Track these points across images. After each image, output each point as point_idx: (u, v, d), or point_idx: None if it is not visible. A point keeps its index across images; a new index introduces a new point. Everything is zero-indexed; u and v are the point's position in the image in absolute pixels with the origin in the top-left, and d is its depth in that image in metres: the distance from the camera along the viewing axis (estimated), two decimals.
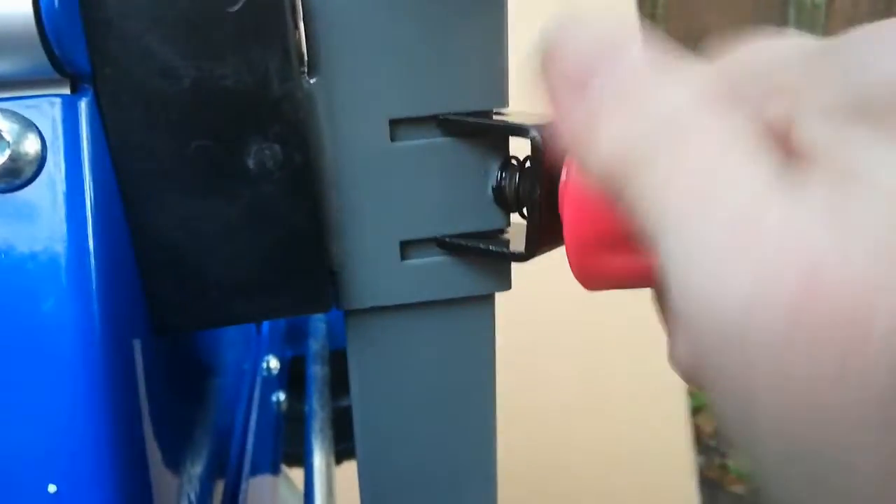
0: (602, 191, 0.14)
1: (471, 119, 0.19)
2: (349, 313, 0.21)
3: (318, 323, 0.47)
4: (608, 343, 1.04)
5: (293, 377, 0.47)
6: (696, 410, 1.61)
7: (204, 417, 0.29)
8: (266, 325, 0.44)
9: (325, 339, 0.45)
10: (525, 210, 0.20)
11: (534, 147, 0.18)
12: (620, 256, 0.17)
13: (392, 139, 0.20)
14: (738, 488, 1.43)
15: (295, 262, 0.20)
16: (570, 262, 0.18)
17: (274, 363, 0.41)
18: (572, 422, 1.03)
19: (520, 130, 0.19)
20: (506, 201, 0.20)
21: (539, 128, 0.18)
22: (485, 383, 0.23)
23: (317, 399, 0.40)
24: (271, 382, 0.41)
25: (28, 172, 0.16)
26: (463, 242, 0.20)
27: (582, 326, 1.01)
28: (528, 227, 0.19)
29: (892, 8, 1.54)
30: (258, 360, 0.39)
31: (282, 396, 0.43)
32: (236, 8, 0.17)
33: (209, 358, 0.30)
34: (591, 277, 0.18)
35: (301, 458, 0.38)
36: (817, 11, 1.49)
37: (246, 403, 0.37)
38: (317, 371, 0.42)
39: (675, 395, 1.14)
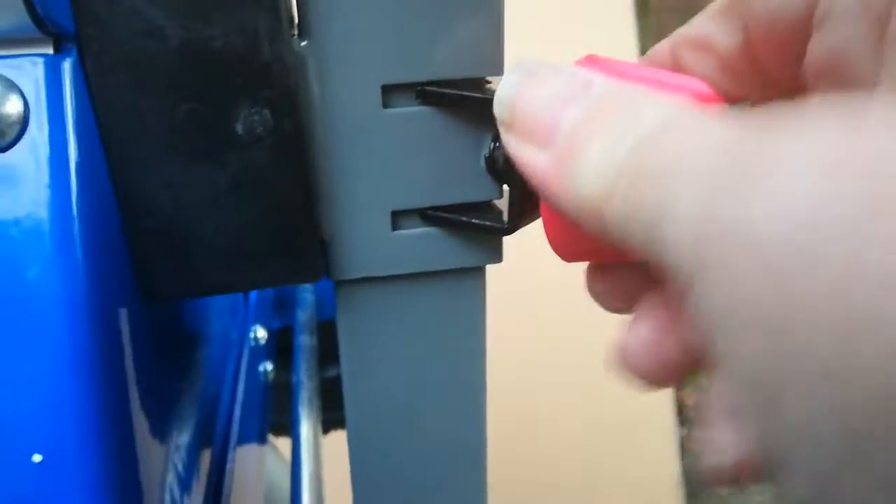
0: (586, 225, 0.14)
1: (460, 91, 0.19)
2: (339, 283, 0.21)
3: (306, 293, 0.47)
4: (592, 314, 1.05)
5: (280, 347, 0.47)
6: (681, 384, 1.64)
7: (191, 386, 0.28)
8: (253, 294, 0.44)
9: (312, 310, 0.45)
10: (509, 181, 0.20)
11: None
12: None
13: (384, 106, 0.19)
14: None
15: (285, 230, 0.19)
16: (545, 231, 0.18)
17: (262, 333, 0.40)
18: (556, 394, 1.04)
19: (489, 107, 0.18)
20: (497, 172, 0.20)
21: None
22: (475, 354, 0.23)
23: (304, 369, 0.40)
24: (259, 352, 0.41)
25: (10, 135, 0.16)
26: (447, 215, 0.20)
27: (566, 297, 1.01)
28: (510, 197, 0.19)
29: None
30: (245, 329, 0.39)
31: (269, 366, 0.43)
32: None
33: (196, 327, 0.29)
34: (567, 245, 0.18)
35: (288, 428, 0.38)
36: None
37: (233, 373, 0.37)
38: (304, 341, 0.42)
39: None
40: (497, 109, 0.16)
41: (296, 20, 0.18)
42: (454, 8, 0.19)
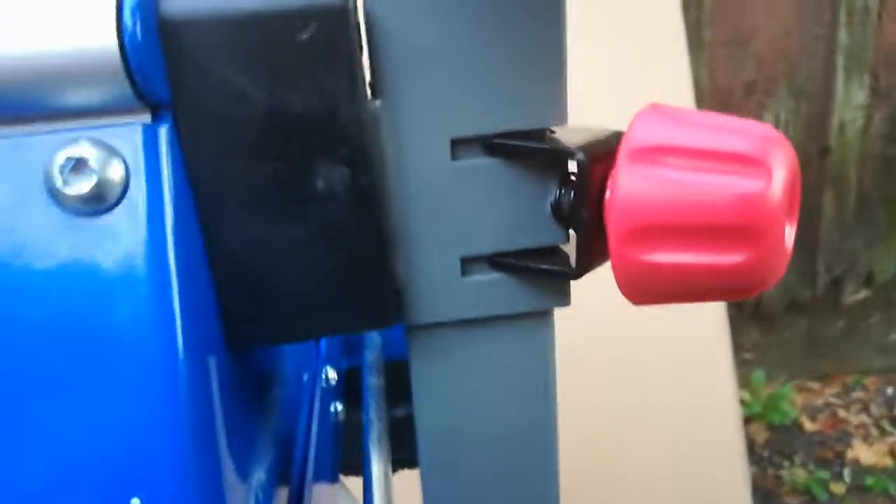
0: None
1: (524, 142, 0.20)
2: (411, 328, 0.22)
3: (373, 335, 0.48)
4: (656, 353, 1.03)
5: (349, 388, 0.48)
6: (748, 420, 1.58)
7: (267, 426, 0.30)
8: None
9: (379, 351, 0.46)
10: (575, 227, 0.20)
11: (578, 168, 0.19)
12: (661, 259, 0.17)
13: (453, 158, 0.20)
14: (792, 499, 1.40)
15: (361, 280, 0.20)
16: (614, 275, 0.18)
17: (332, 374, 0.41)
18: (622, 433, 1.02)
19: (566, 154, 0.19)
20: (563, 217, 0.21)
21: (585, 148, 0.19)
22: (546, 395, 0.23)
23: (373, 409, 0.41)
24: (329, 392, 0.42)
25: (112, 197, 0.17)
26: (515, 261, 0.21)
27: (629, 337, 1.00)
28: (577, 243, 0.19)
29: None
30: (318, 370, 0.40)
31: (339, 406, 0.44)
32: (305, 36, 0.18)
33: (271, 368, 0.30)
34: (641, 284, 0.18)
35: (356, 467, 0.38)
36: (868, 12, 1.45)
37: (307, 413, 0.38)
38: (373, 382, 0.43)
39: (726, 405, 1.12)
40: None
41: (369, 81, 0.20)
42: (517, 62, 0.20)
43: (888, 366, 1.70)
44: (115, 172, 0.17)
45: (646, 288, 0.18)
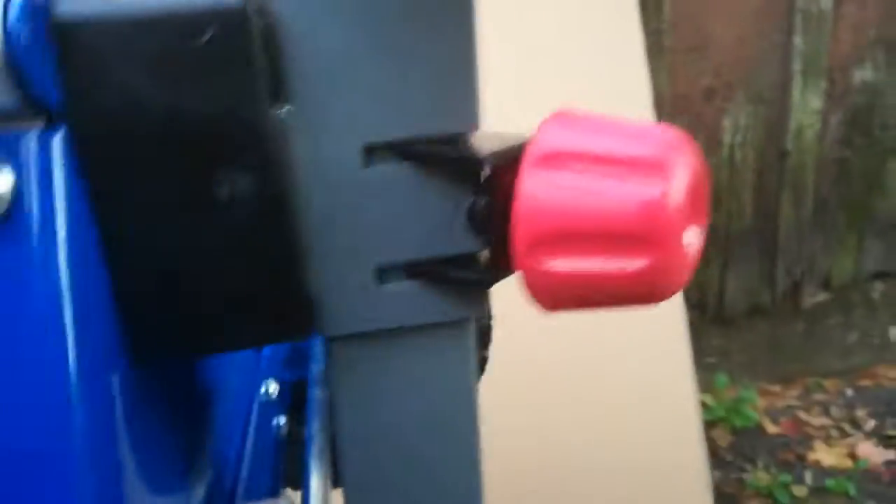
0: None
1: (438, 148, 0.20)
2: (327, 340, 0.21)
3: (319, 347, 0.47)
4: (615, 356, 1.03)
5: (297, 401, 0.47)
6: (712, 424, 1.60)
7: (205, 443, 0.29)
8: (266, 349, 0.44)
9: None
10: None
11: (485, 179, 0.18)
12: (565, 266, 0.17)
13: (365, 165, 0.20)
14: (755, 503, 1.42)
15: (272, 290, 0.20)
16: (522, 281, 0.18)
17: (273, 387, 0.41)
18: (580, 437, 1.03)
19: (476, 160, 0.19)
20: (479, 224, 0.20)
21: (496, 155, 0.19)
22: (467, 405, 0.23)
23: (316, 422, 0.40)
24: (271, 406, 0.41)
25: (1, 208, 0.17)
26: (432, 269, 0.20)
27: (587, 337, 1.00)
28: (490, 250, 0.19)
29: None
30: (255, 384, 0.40)
31: (282, 420, 0.43)
32: (203, 40, 0.17)
33: (208, 384, 0.30)
34: (547, 290, 0.18)
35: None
36: (824, 19, 1.48)
37: (242, 429, 0.37)
38: (317, 394, 0.42)
39: (686, 408, 1.12)
40: None
41: (275, 87, 0.19)
42: (428, 67, 0.19)
43: (847, 368, 1.73)
44: (3, 183, 0.17)
45: (552, 295, 0.18)
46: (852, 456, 1.53)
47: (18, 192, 0.17)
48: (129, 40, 0.17)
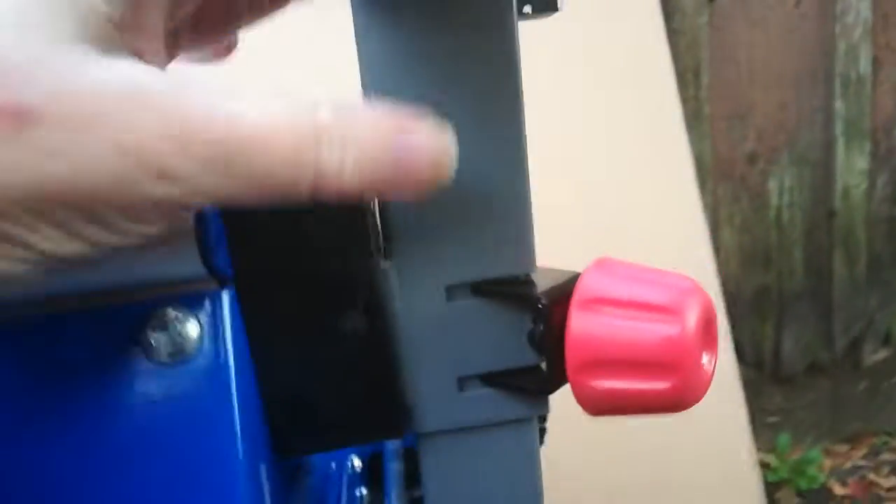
0: None
1: (502, 286, 0.25)
2: (420, 435, 0.27)
3: None
4: (673, 428, 1.05)
5: (372, 473, 0.53)
6: (777, 485, 1.58)
7: None
8: None
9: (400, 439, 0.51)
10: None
11: (541, 311, 0.24)
12: (607, 385, 0.22)
13: (447, 300, 0.26)
14: None
15: (376, 401, 0.26)
16: (573, 394, 0.24)
17: (357, 462, 0.46)
18: (632, 459, 1.03)
19: (534, 299, 0.24)
20: (535, 343, 0.26)
21: (548, 293, 0.24)
22: (533, 487, 0.28)
23: (394, 492, 0.46)
24: (356, 479, 0.47)
25: (190, 350, 0.23)
26: (502, 379, 0.26)
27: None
28: (546, 366, 0.25)
29: None
30: (344, 459, 0.45)
31: (364, 491, 0.48)
32: (332, 228, 0.24)
33: (303, 460, 0.36)
34: (592, 401, 0.23)
35: None
36: (862, 83, 1.52)
37: (335, 499, 0.42)
38: (394, 467, 0.48)
39: (747, 475, 1.13)
40: None
41: (381, 246, 0.25)
42: (495, 223, 0.26)
43: None
44: (193, 331, 0.23)
45: (595, 405, 0.23)
46: None
47: (202, 335, 0.23)
48: (279, 221, 0.24)
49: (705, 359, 0.23)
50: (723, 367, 1.08)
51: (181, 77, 0.18)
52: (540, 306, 0.24)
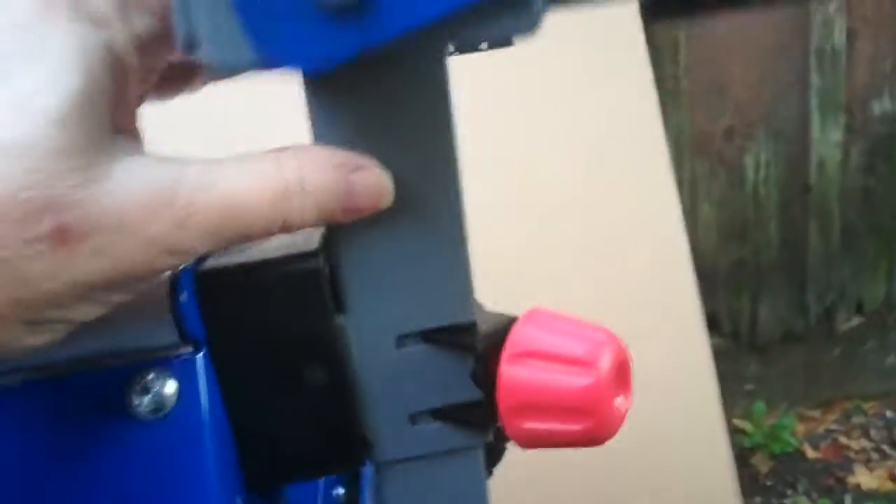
0: None
1: (445, 335, 0.29)
2: (377, 465, 0.31)
3: None
4: (641, 382, 1.09)
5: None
6: (751, 451, 1.64)
7: None
8: None
9: None
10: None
11: (478, 357, 0.27)
12: (533, 426, 0.26)
13: (398, 347, 0.29)
14: None
15: (339, 437, 0.29)
16: (505, 430, 0.27)
17: (340, 490, 0.50)
18: (611, 472, 1.09)
19: (473, 345, 0.28)
20: (477, 382, 0.29)
21: (487, 338, 0.28)
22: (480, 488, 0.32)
23: (369, 493, 0.49)
24: (332, 481, 0.51)
25: (169, 406, 0.26)
26: (448, 413, 0.30)
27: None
28: (483, 405, 0.28)
29: None
30: (329, 489, 0.49)
31: (341, 491, 0.52)
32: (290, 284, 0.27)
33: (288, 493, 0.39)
34: (522, 439, 0.27)
35: None
36: (838, 56, 1.54)
37: (313, 500, 0.46)
38: (370, 470, 0.51)
39: (715, 436, 1.17)
40: None
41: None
42: (438, 278, 0.29)
43: (886, 390, 1.76)
44: (170, 388, 0.26)
45: (526, 441, 0.27)
46: (892, 478, 1.56)
47: (179, 393, 0.27)
48: (244, 288, 0.27)
49: (618, 400, 0.26)
50: (693, 338, 1.13)
51: (178, 167, 0.22)
52: (478, 349, 0.28)
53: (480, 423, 0.30)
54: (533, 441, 0.27)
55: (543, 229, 1.09)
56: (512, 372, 0.26)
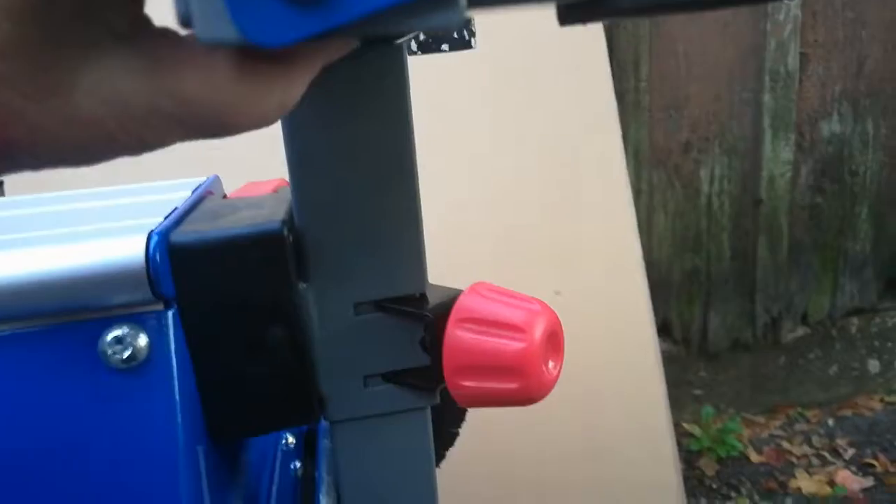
0: None
1: (398, 304, 0.32)
2: (332, 422, 0.33)
3: None
4: (593, 385, 1.13)
5: (308, 445, 0.59)
6: (699, 454, 1.70)
7: (239, 485, 0.41)
8: None
9: None
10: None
11: (427, 325, 0.30)
12: (473, 384, 0.29)
13: (355, 314, 0.32)
14: None
15: (298, 395, 0.32)
16: (448, 389, 0.30)
17: (291, 439, 0.53)
18: (561, 470, 1.12)
19: (423, 314, 0.31)
20: (425, 348, 0.32)
21: (436, 308, 0.31)
22: (426, 462, 0.35)
23: (325, 467, 0.52)
24: (290, 454, 0.53)
25: (141, 357, 0.29)
26: (398, 377, 0.32)
27: (570, 365, 1.10)
28: (431, 365, 0.31)
29: (861, 71, 1.65)
30: (279, 437, 0.51)
31: (298, 464, 0.55)
32: (256, 256, 0.30)
33: (247, 441, 0.42)
34: (463, 398, 0.30)
35: None
36: (791, 78, 1.61)
37: (270, 472, 0.49)
38: (325, 444, 0.54)
39: (663, 439, 1.22)
40: None
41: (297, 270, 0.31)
42: (394, 252, 0.32)
43: (828, 399, 1.83)
44: (142, 341, 0.29)
45: (465, 399, 0.30)
46: (831, 483, 1.62)
47: (150, 347, 0.29)
48: (212, 255, 0.30)
49: (550, 364, 0.29)
50: (643, 343, 1.17)
51: (151, 77, 0.18)
52: (427, 320, 0.31)
53: (427, 385, 0.33)
54: (473, 399, 0.30)
55: (500, 235, 1.12)
56: (455, 336, 0.29)
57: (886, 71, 1.66)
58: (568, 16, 0.19)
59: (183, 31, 0.18)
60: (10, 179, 0.90)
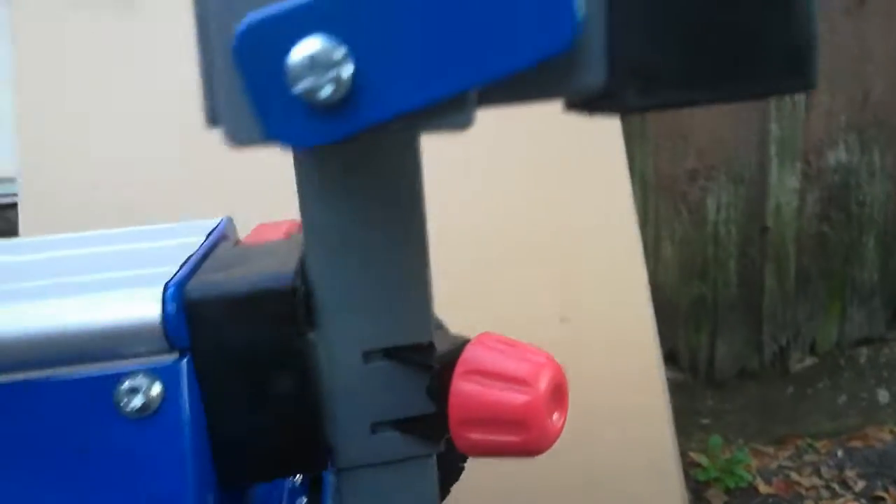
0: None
1: (406, 353, 0.32)
2: (339, 469, 0.34)
3: None
4: (598, 413, 1.13)
5: (313, 482, 0.59)
6: (706, 484, 1.68)
7: None
8: None
9: None
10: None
11: (433, 375, 0.31)
12: (478, 436, 0.30)
13: (364, 363, 0.33)
14: None
15: (305, 444, 0.32)
16: (453, 440, 0.31)
17: (298, 476, 0.53)
18: (568, 491, 1.12)
19: (430, 363, 0.31)
20: (431, 396, 0.33)
21: (442, 357, 0.31)
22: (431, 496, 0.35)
23: (331, 502, 0.52)
24: (296, 491, 0.53)
25: (154, 407, 0.29)
26: (405, 424, 0.33)
27: (575, 393, 1.10)
28: (437, 414, 0.32)
29: (867, 101, 1.66)
30: (292, 499, 0.52)
31: (304, 501, 0.55)
32: (268, 310, 0.30)
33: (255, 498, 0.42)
34: (468, 448, 0.30)
35: None
36: (797, 107, 1.62)
37: None
38: (330, 479, 0.54)
39: (670, 469, 1.21)
40: None
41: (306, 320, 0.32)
42: (401, 302, 0.32)
43: (837, 429, 1.82)
44: (156, 391, 0.29)
45: (472, 450, 0.30)
46: None
47: (164, 395, 0.30)
48: (226, 307, 0.30)
49: (554, 417, 0.30)
50: (649, 372, 1.17)
51: None
52: (434, 371, 0.31)
53: (434, 433, 0.33)
54: (478, 450, 0.30)
55: (506, 262, 1.13)
56: (461, 388, 0.30)
57: (892, 102, 1.67)
58: (574, 107, 0.20)
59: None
60: (25, 218, 0.91)
